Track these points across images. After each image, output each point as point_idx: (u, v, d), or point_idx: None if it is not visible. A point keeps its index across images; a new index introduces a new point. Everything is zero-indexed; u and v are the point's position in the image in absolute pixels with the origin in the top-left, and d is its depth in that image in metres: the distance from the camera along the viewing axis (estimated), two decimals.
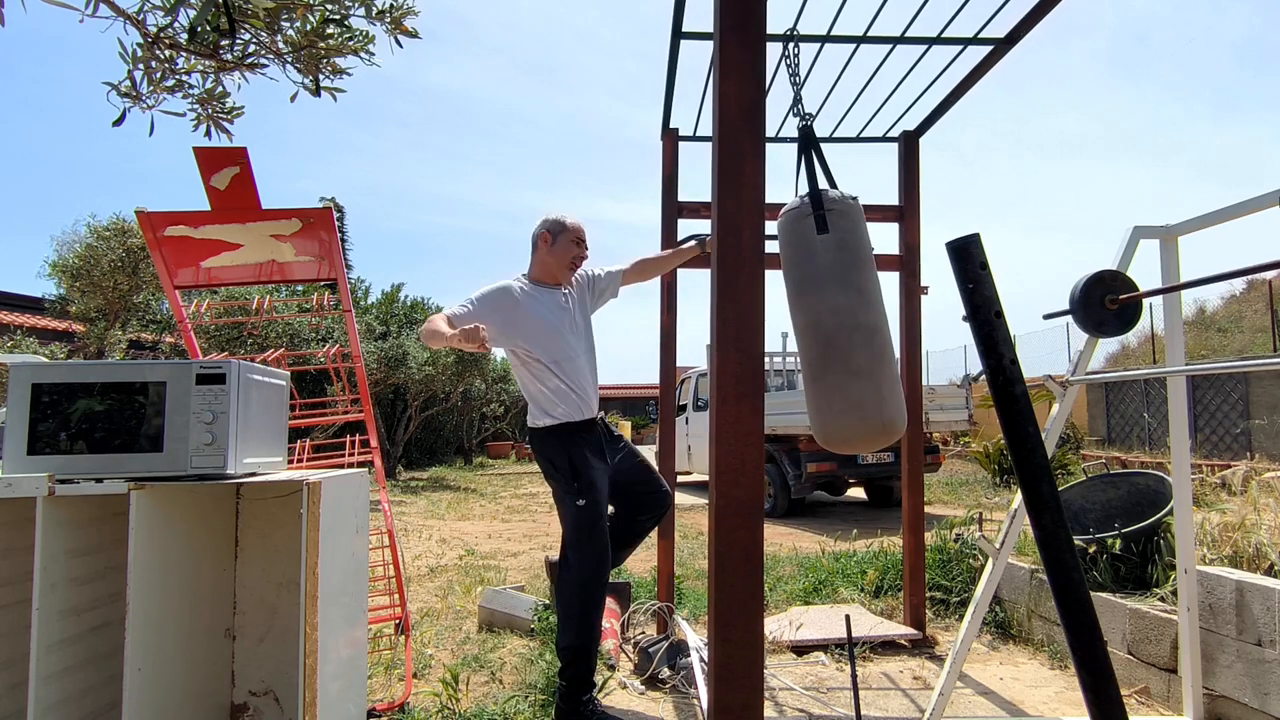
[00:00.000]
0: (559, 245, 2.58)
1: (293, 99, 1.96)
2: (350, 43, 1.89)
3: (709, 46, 2.49)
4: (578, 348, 2.58)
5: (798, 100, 2.32)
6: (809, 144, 2.24)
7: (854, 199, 2.16)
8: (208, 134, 2.01)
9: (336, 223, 2.59)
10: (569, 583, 2.48)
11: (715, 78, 1.35)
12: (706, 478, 1.35)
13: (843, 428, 2.01)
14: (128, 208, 15.29)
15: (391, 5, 1.88)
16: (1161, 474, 3.24)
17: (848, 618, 2.41)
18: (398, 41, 1.94)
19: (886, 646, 3.27)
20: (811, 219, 2.06)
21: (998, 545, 2.27)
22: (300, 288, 12.28)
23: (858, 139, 3.55)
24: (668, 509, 2.78)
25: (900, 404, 2.04)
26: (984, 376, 1.19)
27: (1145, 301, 2.02)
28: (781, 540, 6.45)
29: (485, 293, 2.51)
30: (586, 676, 2.42)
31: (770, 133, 3.26)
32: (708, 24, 2.71)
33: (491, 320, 2.40)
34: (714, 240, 1.34)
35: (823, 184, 2.18)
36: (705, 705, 2.39)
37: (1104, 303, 1.95)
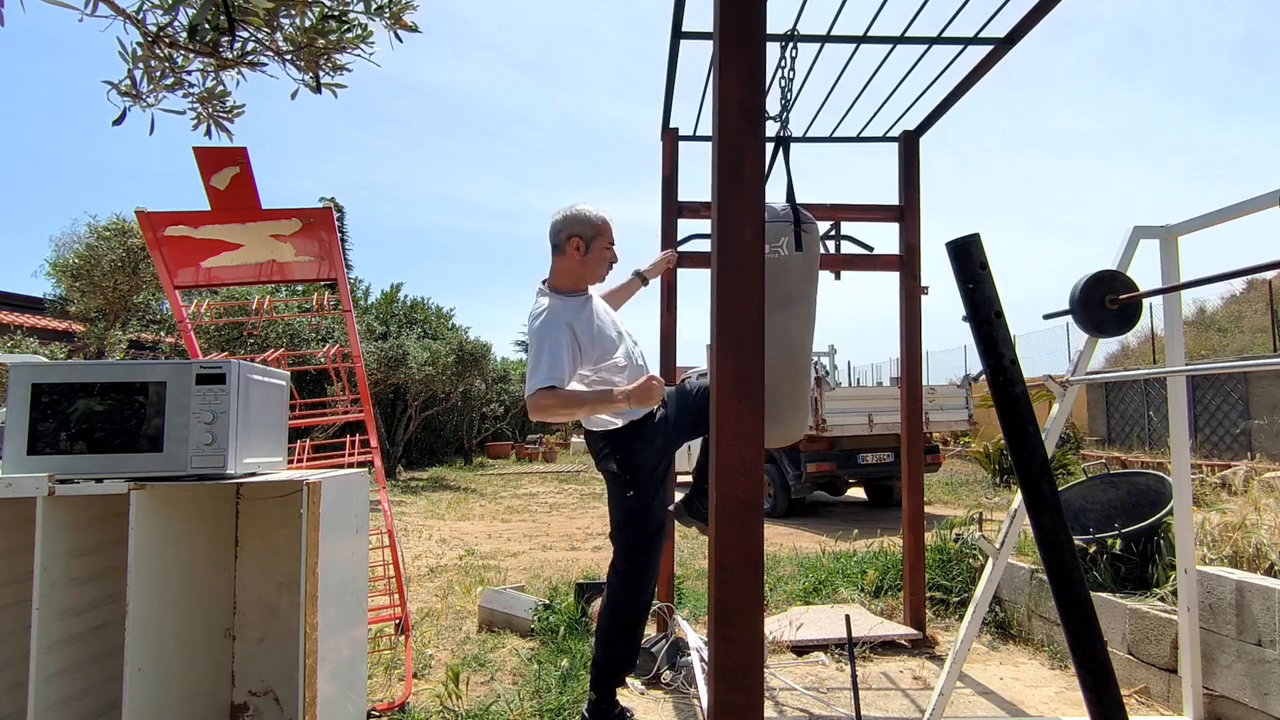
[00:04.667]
0: (593, 254, 2.31)
1: (293, 96, 1.96)
2: (349, 36, 1.89)
3: (709, 46, 2.49)
4: (633, 349, 2.47)
5: (786, 108, 2.31)
6: (785, 154, 2.24)
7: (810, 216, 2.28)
8: (208, 133, 2.01)
9: (336, 222, 2.59)
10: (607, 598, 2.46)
11: (715, 77, 1.35)
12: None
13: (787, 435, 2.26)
14: (128, 208, 15.30)
15: (390, 0, 1.88)
16: (1161, 474, 3.24)
17: (848, 618, 2.41)
18: (397, 36, 1.94)
19: (886, 646, 3.27)
20: (793, 236, 2.06)
21: (998, 545, 2.27)
22: (300, 288, 12.29)
23: (858, 139, 3.55)
24: None
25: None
26: (984, 376, 1.19)
27: (1145, 301, 2.02)
28: (781, 540, 6.45)
29: (553, 338, 2.15)
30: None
31: (770, 133, 3.26)
32: (708, 23, 2.71)
33: (577, 364, 2.20)
34: (714, 240, 1.34)
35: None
36: (705, 705, 2.39)
37: (1104, 303, 1.95)
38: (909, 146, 3.50)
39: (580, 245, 2.29)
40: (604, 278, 2.42)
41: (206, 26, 1.76)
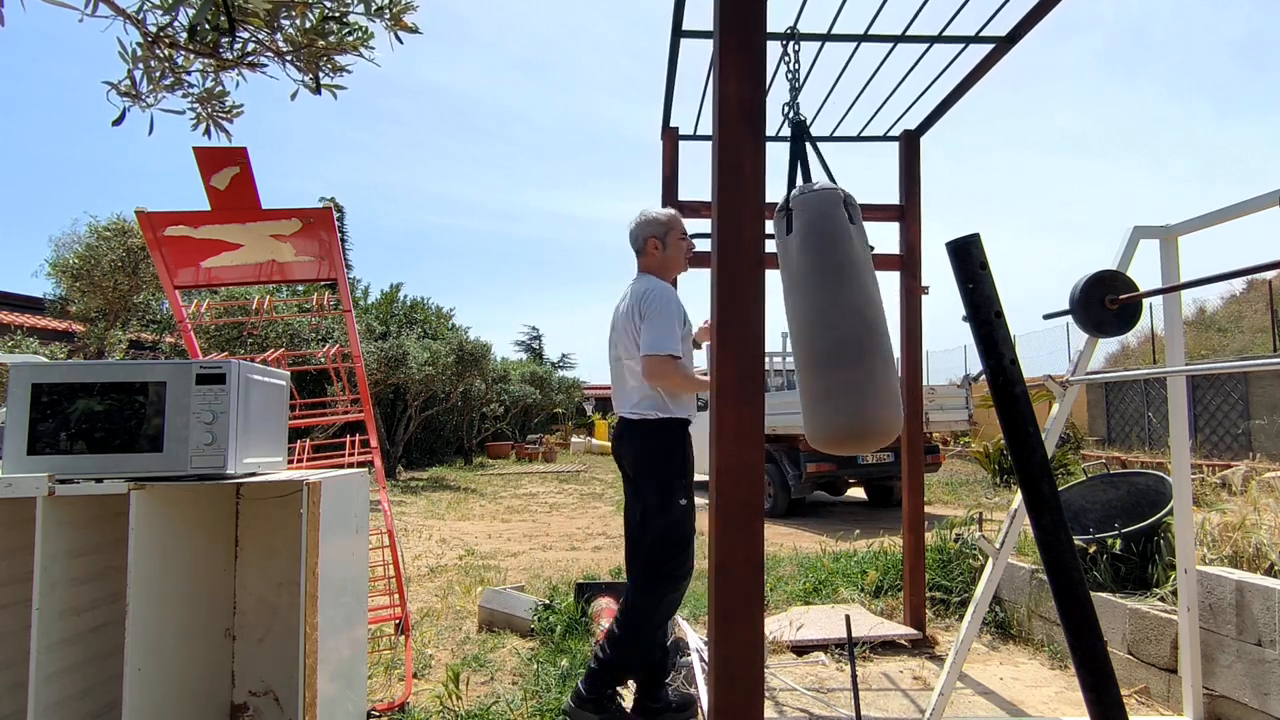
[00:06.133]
0: (670, 246, 2.59)
1: (293, 97, 1.96)
2: (350, 39, 1.89)
3: (709, 45, 2.49)
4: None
5: (795, 97, 2.29)
6: (807, 137, 2.19)
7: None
8: (207, 133, 2.01)
9: (336, 222, 2.59)
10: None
11: (715, 77, 1.35)
12: (706, 478, 1.34)
13: (880, 419, 1.79)
14: (128, 208, 15.31)
15: (390, 1, 1.88)
16: (1161, 474, 3.24)
17: (848, 618, 2.41)
18: (398, 38, 1.94)
19: (886, 646, 3.27)
20: (843, 208, 1.91)
21: (998, 545, 2.27)
22: (300, 288, 12.29)
23: (858, 138, 3.55)
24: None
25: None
26: (984, 376, 1.19)
27: (1145, 301, 2.02)
28: (781, 540, 6.45)
29: (672, 307, 2.45)
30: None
31: (770, 132, 3.26)
32: (708, 22, 2.71)
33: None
34: (714, 240, 1.34)
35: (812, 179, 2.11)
36: (705, 705, 2.39)
37: (1104, 303, 1.95)
38: (910, 146, 3.50)
39: (657, 244, 2.59)
40: (685, 267, 2.69)
41: (206, 27, 1.76)
